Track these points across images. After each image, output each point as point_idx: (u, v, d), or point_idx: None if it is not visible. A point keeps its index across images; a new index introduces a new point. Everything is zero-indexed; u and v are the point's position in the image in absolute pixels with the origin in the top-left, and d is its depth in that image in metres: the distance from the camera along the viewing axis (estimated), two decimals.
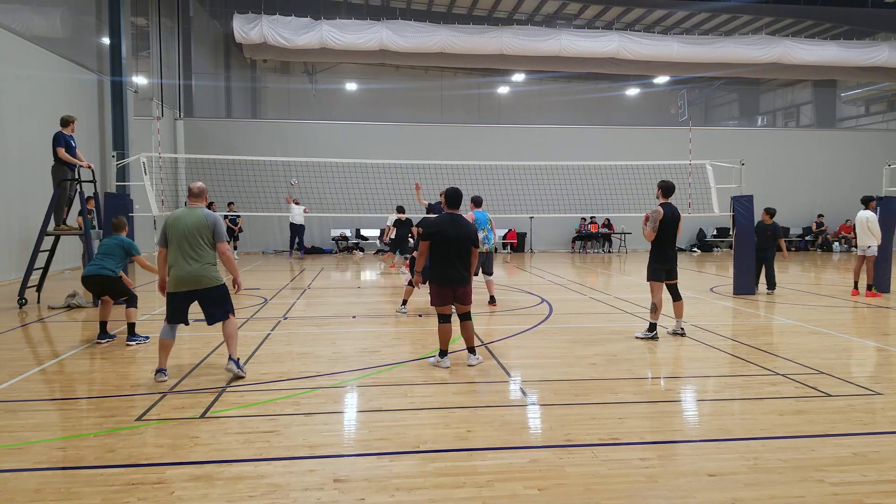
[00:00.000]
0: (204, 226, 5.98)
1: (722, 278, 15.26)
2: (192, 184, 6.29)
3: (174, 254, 5.95)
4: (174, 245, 5.95)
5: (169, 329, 6.11)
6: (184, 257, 5.91)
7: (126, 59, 18.85)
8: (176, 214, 6.09)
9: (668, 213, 8.04)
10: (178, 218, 6.02)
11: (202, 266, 5.95)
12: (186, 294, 5.99)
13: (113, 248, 7.96)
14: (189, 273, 5.90)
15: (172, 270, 5.95)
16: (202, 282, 5.96)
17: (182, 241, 5.92)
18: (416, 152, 21.68)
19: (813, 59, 24.03)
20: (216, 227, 6.06)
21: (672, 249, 8.18)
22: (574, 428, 4.80)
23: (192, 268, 5.91)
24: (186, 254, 5.91)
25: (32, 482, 3.87)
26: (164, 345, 6.10)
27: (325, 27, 21.68)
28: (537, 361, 7.03)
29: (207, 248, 6.00)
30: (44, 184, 11.95)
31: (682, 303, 8.33)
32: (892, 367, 6.85)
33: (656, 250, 8.15)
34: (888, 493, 3.77)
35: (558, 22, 26.16)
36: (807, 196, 26.49)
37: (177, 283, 5.94)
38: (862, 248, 11.90)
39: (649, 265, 8.22)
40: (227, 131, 24.17)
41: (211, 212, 6.16)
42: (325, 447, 4.46)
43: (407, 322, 9.48)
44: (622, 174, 19.05)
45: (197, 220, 5.97)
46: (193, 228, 5.94)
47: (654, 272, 8.16)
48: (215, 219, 6.11)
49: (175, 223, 5.98)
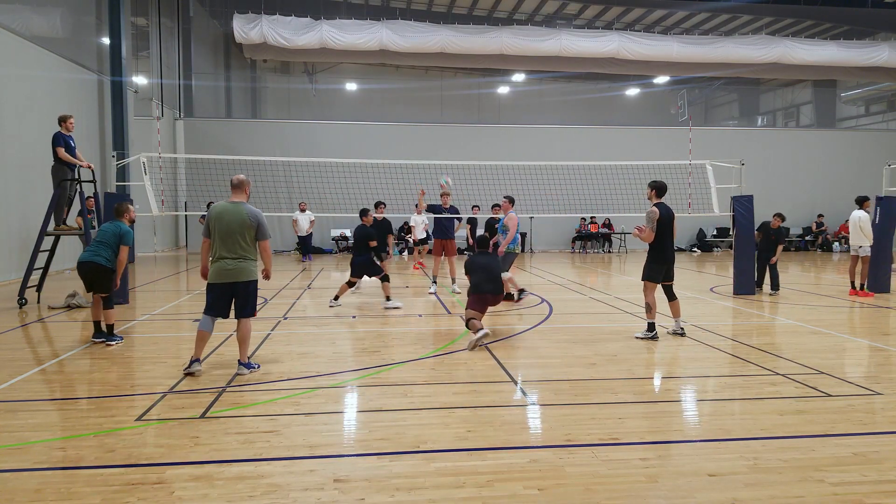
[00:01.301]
0: (247, 225, 6.15)
1: (722, 278, 15.26)
2: (234, 176, 6.39)
3: (217, 247, 6.13)
4: (217, 239, 6.13)
5: (207, 321, 6.23)
6: (227, 251, 6.11)
7: (126, 59, 18.88)
8: (219, 209, 6.19)
9: (663, 212, 8.03)
10: (221, 213, 6.15)
11: (243, 261, 6.14)
12: (224, 286, 6.16)
13: (109, 236, 7.59)
14: (229, 267, 6.10)
15: (214, 263, 6.15)
16: (240, 276, 6.14)
17: (225, 236, 6.10)
18: (416, 152, 21.66)
19: (813, 59, 24.02)
20: (260, 227, 6.23)
21: (671, 250, 8.19)
22: (574, 428, 4.80)
23: (233, 262, 6.11)
24: (229, 248, 6.11)
25: (32, 482, 3.87)
26: (201, 336, 6.23)
27: (325, 27, 21.68)
28: (537, 361, 7.03)
29: (249, 245, 6.19)
30: (44, 184, 11.95)
31: (677, 302, 8.34)
32: (891, 367, 6.85)
33: (655, 251, 8.14)
34: (888, 493, 3.77)
35: (558, 22, 26.16)
36: (807, 196, 26.47)
37: (217, 274, 6.15)
38: (854, 249, 11.92)
39: (647, 265, 8.23)
40: (227, 131, 24.16)
41: (254, 210, 6.27)
42: (325, 447, 4.46)
43: (407, 322, 9.48)
44: (622, 174, 19.04)
45: (241, 219, 6.13)
46: (237, 226, 6.11)
47: (651, 272, 8.17)
48: (258, 218, 6.25)
49: (219, 218, 6.13)
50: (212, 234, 6.18)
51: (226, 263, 6.11)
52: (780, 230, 12.52)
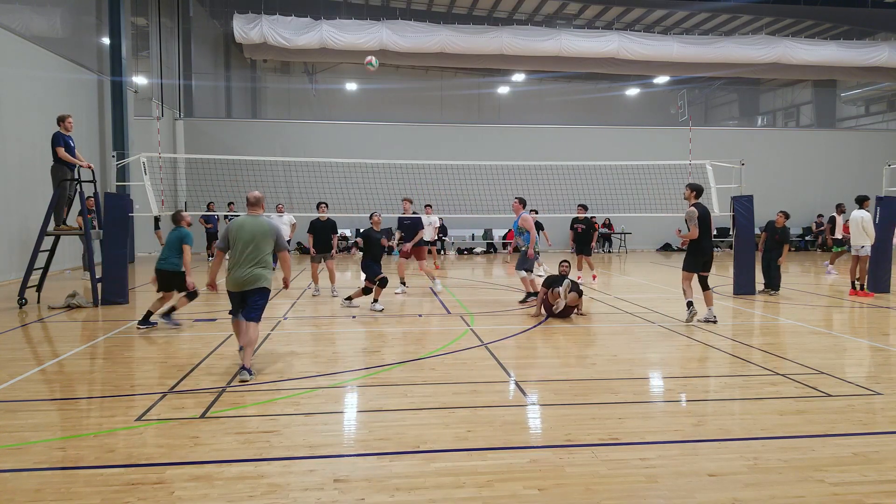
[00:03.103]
0: (268, 235, 6.48)
1: (722, 278, 15.25)
2: (250, 193, 6.72)
3: (236, 257, 6.42)
4: (237, 250, 6.41)
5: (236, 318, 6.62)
6: (246, 261, 6.39)
7: (126, 59, 18.86)
8: (240, 222, 6.51)
9: (701, 211, 8.96)
10: (242, 226, 6.47)
11: (260, 269, 6.43)
12: (242, 294, 6.47)
13: (174, 241, 8.57)
14: (247, 276, 6.38)
15: (232, 272, 6.43)
16: (256, 283, 6.42)
17: (246, 247, 6.39)
18: (416, 152, 21.66)
19: (813, 59, 24.03)
20: (279, 239, 6.59)
21: (708, 241, 9.07)
22: (574, 428, 4.80)
23: (251, 271, 6.38)
24: (249, 258, 6.39)
25: (32, 482, 3.87)
26: (236, 327, 6.67)
27: (325, 27, 21.68)
28: (537, 361, 7.03)
29: (266, 255, 6.49)
30: (44, 184, 11.95)
31: (710, 292, 9.25)
32: (891, 367, 6.85)
33: (695, 244, 9.06)
34: (888, 493, 3.77)
35: (558, 22, 26.16)
36: (807, 196, 26.46)
37: (234, 284, 6.44)
38: (856, 248, 11.92)
39: (687, 258, 9.22)
40: (227, 131, 24.15)
41: (273, 223, 6.61)
42: (325, 447, 4.46)
43: (407, 322, 9.48)
44: (622, 174, 19.04)
45: (262, 230, 6.46)
46: (259, 236, 6.42)
47: (691, 264, 9.15)
48: (277, 230, 6.62)
49: (240, 230, 6.44)
50: (233, 245, 6.44)
51: (243, 270, 6.38)
52: (785, 229, 12.52)
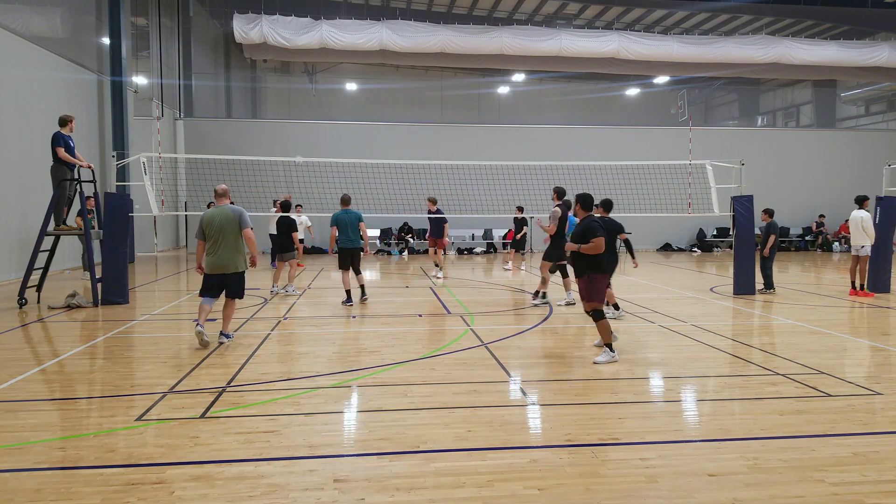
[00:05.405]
0: (232, 219, 7.53)
1: (722, 278, 15.25)
2: (217, 186, 7.78)
3: (211, 244, 7.51)
4: (212, 238, 7.50)
5: (205, 299, 7.63)
6: (220, 246, 7.50)
7: (126, 59, 18.87)
8: (210, 214, 7.61)
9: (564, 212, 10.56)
10: (212, 217, 7.57)
11: (231, 254, 7.54)
12: (217, 276, 7.58)
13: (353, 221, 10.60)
14: (221, 260, 7.51)
15: (209, 258, 7.53)
16: (229, 267, 7.56)
17: (217, 235, 7.48)
18: (416, 152, 21.64)
19: (813, 59, 24.00)
20: (241, 217, 7.58)
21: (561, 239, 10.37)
22: (574, 428, 4.80)
23: (223, 256, 7.51)
24: (220, 245, 7.50)
25: (32, 482, 3.87)
26: (203, 308, 7.59)
27: (325, 27, 21.67)
28: (537, 361, 7.03)
29: (236, 239, 7.56)
30: (44, 184, 11.95)
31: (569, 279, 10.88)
32: (891, 367, 6.85)
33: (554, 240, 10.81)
34: (888, 493, 3.77)
35: (558, 22, 26.15)
36: (807, 196, 26.45)
37: (211, 267, 7.55)
38: (855, 248, 11.91)
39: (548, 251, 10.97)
40: (227, 131, 24.13)
41: (236, 206, 7.65)
42: (325, 447, 4.46)
43: (407, 322, 9.48)
44: (622, 174, 19.03)
45: (226, 216, 7.55)
46: (225, 223, 7.51)
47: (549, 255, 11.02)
48: (240, 211, 7.63)
49: (210, 221, 7.54)
50: (206, 235, 7.53)
51: (218, 258, 7.49)
52: (770, 224, 12.42)
